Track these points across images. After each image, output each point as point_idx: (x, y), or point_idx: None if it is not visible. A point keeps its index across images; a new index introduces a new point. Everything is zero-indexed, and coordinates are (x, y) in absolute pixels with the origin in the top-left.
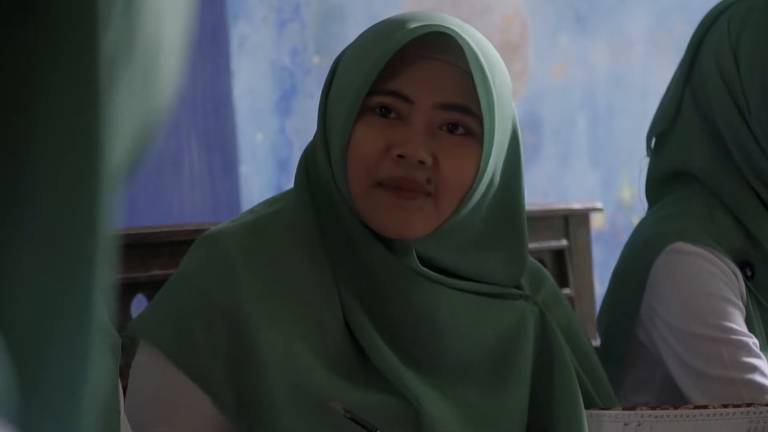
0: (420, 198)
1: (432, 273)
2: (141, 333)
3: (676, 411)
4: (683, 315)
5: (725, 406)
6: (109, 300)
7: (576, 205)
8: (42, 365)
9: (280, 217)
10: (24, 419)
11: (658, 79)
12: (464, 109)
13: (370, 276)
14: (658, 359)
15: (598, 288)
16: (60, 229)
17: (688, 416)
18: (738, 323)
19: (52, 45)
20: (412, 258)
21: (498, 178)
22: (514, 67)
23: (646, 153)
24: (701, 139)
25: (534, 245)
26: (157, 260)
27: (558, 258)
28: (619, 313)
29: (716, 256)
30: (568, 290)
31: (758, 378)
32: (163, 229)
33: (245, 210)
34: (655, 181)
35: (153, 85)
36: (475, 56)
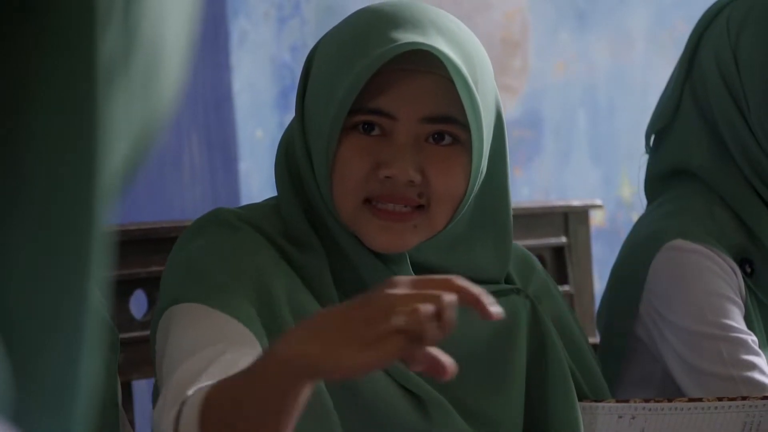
0: (411, 218)
1: None
2: (181, 296)
3: (670, 404)
4: (682, 312)
5: (720, 399)
6: (107, 296)
7: (576, 202)
8: (38, 362)
9: (274, 212)
10: (20, 416)
11: (658, 77)
12: (449, 119)
13: (362, 281)
14: (658, 356)
15: (598, 285)
16: (57, 227)
17: (683, 409)
18: (737, 321)
19: (50, 45)
20: (405, 267)
21: (485, 168)
22: (515, 64)
23: (645, 150)
24: (700, 137)
25: (534, 242)
26: (156, 256)
27: (558, 255)
28: (618, 310)
29: (716, 254)
30: (568, 287)
31: (757, 375)
32: (163, 225)
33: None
34: (655, 178)
35: (154, 87)
36: (457, 70)
